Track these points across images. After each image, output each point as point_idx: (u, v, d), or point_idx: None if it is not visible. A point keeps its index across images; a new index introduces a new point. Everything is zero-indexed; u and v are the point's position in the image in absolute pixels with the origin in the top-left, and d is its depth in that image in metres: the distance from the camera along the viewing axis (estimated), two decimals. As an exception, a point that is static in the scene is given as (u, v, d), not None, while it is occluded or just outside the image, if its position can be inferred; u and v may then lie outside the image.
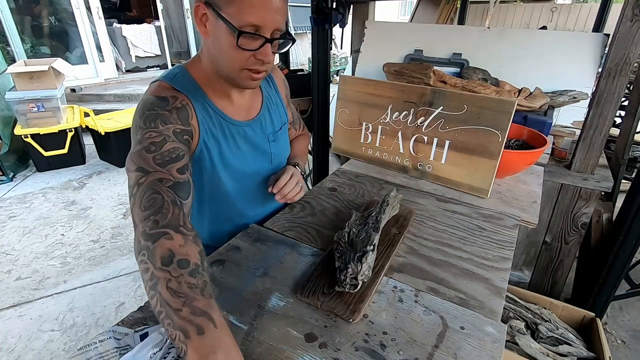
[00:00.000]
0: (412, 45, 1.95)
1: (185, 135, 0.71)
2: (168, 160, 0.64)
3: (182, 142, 0.69)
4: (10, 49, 4.16)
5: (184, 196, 0.62)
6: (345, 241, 0.73)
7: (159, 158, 0.63)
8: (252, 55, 0.69)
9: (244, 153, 0.86)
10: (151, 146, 0.64)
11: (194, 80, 0.77)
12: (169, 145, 0.66)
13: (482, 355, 0.56)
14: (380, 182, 1.12)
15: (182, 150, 0.68)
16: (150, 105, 0.69)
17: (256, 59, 0.70)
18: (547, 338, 1.37)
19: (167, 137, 0.67)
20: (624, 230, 1.40)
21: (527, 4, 7.23)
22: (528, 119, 1.45)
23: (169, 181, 0.61)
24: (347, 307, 0.62)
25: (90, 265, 2.11)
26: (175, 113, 0.70)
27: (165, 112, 0.69)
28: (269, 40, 0.68)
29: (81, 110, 3.36)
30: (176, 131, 0.69)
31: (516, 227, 0.90)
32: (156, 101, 0.70)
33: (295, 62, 7.56)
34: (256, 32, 0.66)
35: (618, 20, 1.21)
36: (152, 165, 0.62)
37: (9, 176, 3.09)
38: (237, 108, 0.84)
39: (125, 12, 6.33)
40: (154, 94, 0.71)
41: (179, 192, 0.61)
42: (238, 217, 0.94)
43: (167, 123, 0.68)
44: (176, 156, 0.66)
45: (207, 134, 0.78)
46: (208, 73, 0.78)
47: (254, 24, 0.65)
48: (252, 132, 0.86)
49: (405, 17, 10.71)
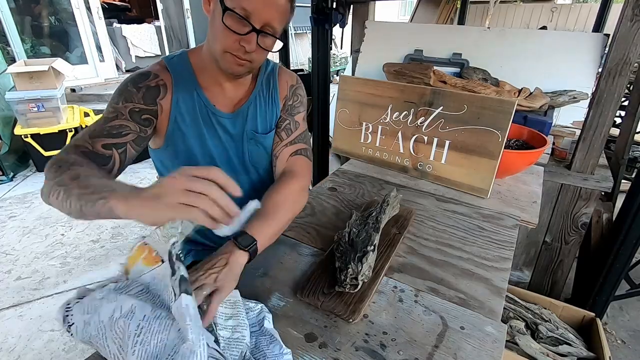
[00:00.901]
0: (412, 45, 1.95)
1: (144, 114, 0.74)
2: (104, 134, 0.68)
3: (135, 122, 0.73)
4: (10, 49, 4.15)
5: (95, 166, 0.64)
6: (345, 241, 0.73)
7: (97, 132, 0.68)
8: (238, 40, 0.69)
9: (223, 144, 0.85)
10: (101, 121, 0.70)
11: (190, 66, 0.80)
12: (116, 122, 0.70)
13: (482, 355, 0.56)
14: (380, 182, 1.12)
15: (127, 128, 0.71)
16: (130, 79, 0.75)
17: (240, 45, 0.70)
18: (547, 338, 1.37)
19: (120, 115, 0.71)
20: (624, 230, 1.40)
21: (527, 4, 7.23)
22: (528, 119, 1.45)
23: (85, 149, 0.66)
24: (347, 307, 0.62)
25: (90, 265, 2.11)
26: (142, 92, 0.74)
27: (133, 90, 0.73)
28: (256, 30, 0.68)
29: (81, 110, 3.36)
30: (134, 110, 0.72)
31: (516, 227, 0.90)
32: (137, 76, 0.75)
33: (295, 62, 7.56)
34: (245, 17, 0.67)
35: (618, 20, 1.21)
36: (85, 138, 0.67)
37: (9, 176, 3.08)
38: (226, 98, 0.84)
39: (125, 12, 6.33)
40: (144, 69, 0.77)
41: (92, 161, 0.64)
42: None
43: (128, 101, 0.72)
44: (116, 132, 0.69)
45: (181, 117, 0.79)
46: (205, 59, 0.79)
47: (245, 9, 0.66)
48: (231, 124, 0.85)
49: (405, 17, 10.71)
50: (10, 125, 3.22)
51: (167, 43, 5.97)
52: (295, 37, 7.57)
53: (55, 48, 4.78)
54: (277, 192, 0.77)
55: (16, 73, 2.98)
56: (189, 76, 0.79)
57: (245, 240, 0.62)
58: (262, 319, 0.58)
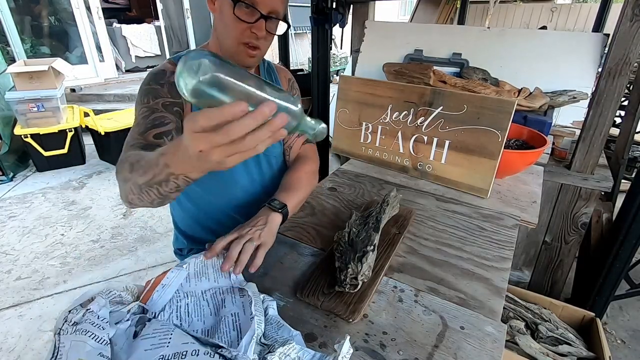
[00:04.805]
0: (412, 45, 1.95)
1: (175, 107, 0.77)
2: (150, 127, 0.72)
3: (170, 113, 0.76)
4: (10, 48, 4.15)
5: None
6: (345, 241, 0.73)
7: (142, 129, 0.72)
8: (249, 28, 0.76)
9: None
10: (141, 121, 0.73)
11: None
12: (154, 115, 0.74)
13: (482, 355, 0.56)
14: (380, 182, 1.12)
15: (167, 118, 0.75)
16: (147, 80, 0.78)
17: (251, 32, 0.76)
18: (547, 338, 1.37)
19: (155, 110, 0.75)
20: (624, 230, 1.40)
21: (527, 4, 7.24)
22: (528, 119, 1.45)
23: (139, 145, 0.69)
24: (347, 307, 0.62)
25: (90, 265, 2.11)
26: (166, 87, 0.77)
27: (157, 87, 0.77)
28: (264, 17, 0.75)
29: (81, 110, 3.36)
30: (165, 104, 0.76)
31: (516, 227, 0.90)
32: (153, 76, 0.79)
33: (295, 62, 7.56)
34: (252, 5, 0.74)
35: (618, 20, 1.21)
36: (134, 137, 0.71)
37: (9, 176, 3.08)
38: None
39: (125, 12, 6.33)
40: (157, 69, 0.81)
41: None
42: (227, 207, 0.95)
43: (157, 97, 0.76)
44: (159, 123, 0.73)
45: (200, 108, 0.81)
46: None
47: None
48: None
49: (405, 17, 10.71)
50: (10, 125, 3.22)
51: (167, 43, 5.98)
52: (295, 37, 7.57)
53: (55, 48, 4.78)
54: (297, 171, 0.94)
55: (16, 73, 2.98)
56: None
57: (278, 204, 0.78)
58: (267, 307, 0.59)
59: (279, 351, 0.48)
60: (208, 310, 0.59)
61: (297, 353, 0.49)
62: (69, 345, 0.46)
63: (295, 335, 0.54)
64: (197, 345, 0.47)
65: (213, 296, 0.61)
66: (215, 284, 0.63)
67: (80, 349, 0.45)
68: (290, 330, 0.54)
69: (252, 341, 0.47)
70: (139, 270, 2.07)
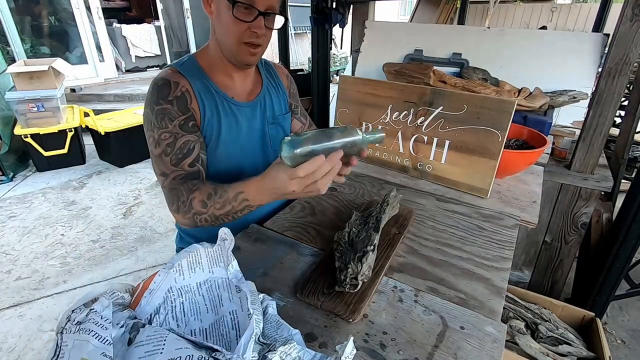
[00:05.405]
0: (412, 45, 1.95)
1: (190, 122, 0.81)
2: (181, 157, 0.79)
3: (190, 132, 0.81)
4: (10, 48, 4.15)
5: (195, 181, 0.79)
6: (345, 241, 0.73)
7: (174, 159, 0.78)
8: (248, 27, 0.77)
9: (242, 132, 0.91)
10: (167, 148, 0.78)
11: (199, 66, 0.86)
12: (179, 142, 0.79)
13: (482, 355, 0.56)
14: (380, 182, 1.12)
15: (192, 141, 0.80)
16: (155, 97, 0.80)
17: (251, 32, 0.78)
18: (547, 338, 1.37)
19: (176, 135, 0.79)
20: (624, 230, 1.40)
21: (527, 4, 7.24)
22: (528, 119, 1.45)
23: (180, 176, 0.78)
24: (347, 307, 0.62)
25: (90, 265, 2.11)
26: (175, 104, 0.80)
27: (168, 106, 0.79)
28: (262, 14, 0.77)
29: (81, 110, 3.36)
30: (182, 124, 0.80)
31: (516, 227, 0.90)
32: (159, 90, 0.80)
33: (295, 62, 7.56)
34: (250, 5, 0.75)
35: (618, 20, 1.21)
36: (169, 167, 0.78)
37: (9, 176, 3.08)
38: (239, 90, 0.91)
39: (125, 12, 6.33)
40: (161, 79, 0.82)
41: (192, 180, 0.78)
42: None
43: (173, 119, 0.79)
44: (187, 151, 0.79)
45: (210, 111, 0.85)
46: (213, 57, 0.87)
47: None
48: (251, 112, 0.93)
49: (405, 17, 10.71)
50: (10, 125, 3.22)
51: (166, 43, 5.97)
52: (295, 37, 7.57)
53: (55, 48, 4.79)
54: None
55: (16, 73, 2.98)
56: (202, 76, 0.85)
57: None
58: (266, 307, 0.59)
59: (280, 350, 0.47)
60: (204, 307, 0.59)
61: (297, 353, 0.49)
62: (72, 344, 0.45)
63: (294, 334, 0.54)
64: (191, 350, 0.46)
65: (209, 290, 0.61)
66: (210, 274, 0.62)
67: (83, 348, 0.45)
68: (290, 329, 0.54)
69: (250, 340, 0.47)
70: (139, 270, 2.07)
